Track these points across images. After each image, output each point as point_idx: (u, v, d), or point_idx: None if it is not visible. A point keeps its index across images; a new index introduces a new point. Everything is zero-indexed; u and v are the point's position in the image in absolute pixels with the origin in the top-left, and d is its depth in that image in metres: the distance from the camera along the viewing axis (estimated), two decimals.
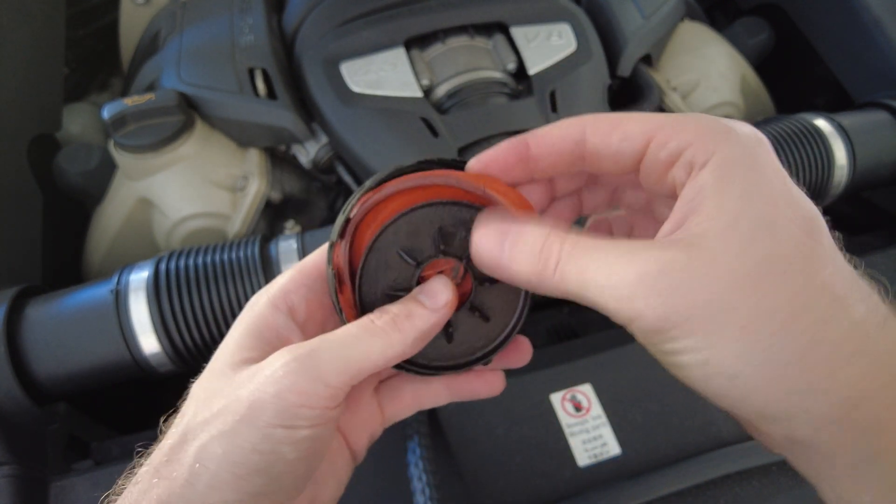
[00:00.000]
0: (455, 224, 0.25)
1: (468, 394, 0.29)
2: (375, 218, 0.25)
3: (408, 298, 0.25)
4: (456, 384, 0.28)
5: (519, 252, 0.22)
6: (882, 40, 0.58)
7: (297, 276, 0.26)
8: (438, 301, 0.24)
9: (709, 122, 0.22)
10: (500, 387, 0.28)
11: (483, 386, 0.28)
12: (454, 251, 0.25)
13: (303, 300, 0.25)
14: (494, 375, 0.28)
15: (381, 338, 0.23)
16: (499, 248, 0.23)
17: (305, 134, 0.53)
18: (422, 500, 0.31)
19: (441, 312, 0.24)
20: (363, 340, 0.23)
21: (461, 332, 0.27)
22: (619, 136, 0.22)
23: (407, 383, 0.29)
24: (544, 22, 0.56)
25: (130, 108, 0.50)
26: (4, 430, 0.38)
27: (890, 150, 0.53)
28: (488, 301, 0.27)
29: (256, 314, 0.25)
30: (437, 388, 0.28)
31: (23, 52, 0.57)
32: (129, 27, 0.76)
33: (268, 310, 0.25)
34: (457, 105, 0.51)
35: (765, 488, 0.35)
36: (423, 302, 0.24)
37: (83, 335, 0.40)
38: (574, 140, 0.23)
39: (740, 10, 0.77)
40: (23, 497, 0.36)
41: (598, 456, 0.37)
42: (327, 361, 0.22)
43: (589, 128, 0.23)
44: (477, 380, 0.28)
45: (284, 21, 0.60)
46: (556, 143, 0.24)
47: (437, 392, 0.28)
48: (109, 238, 0.55)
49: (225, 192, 0.52)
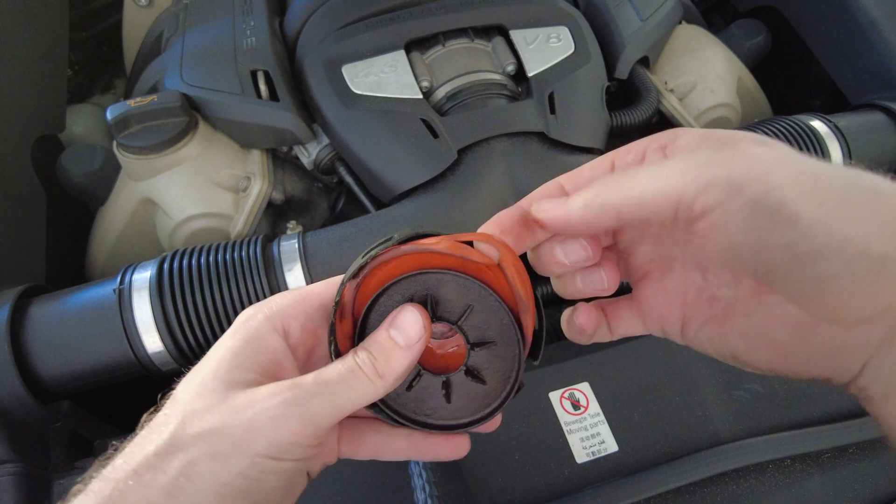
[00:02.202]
0: (455, 292, 0.25)
1: (431, 455, 0.29)
2: (383, 271, 0.26)
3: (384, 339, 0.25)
4: (421, 444, 0.28)
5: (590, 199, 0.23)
6: (878, 42, 0.58)
7: (299, 302, 0.27)
8: (412, 337, 0.25)
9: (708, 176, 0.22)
10: (465, 450, 0.28)
11: (447, 449, 0.28)
12: (449, 317, 0.26)
13: (299, 326, 0.26)
14: (460, 438, 0.28)
15: (367, 385, 0.24)
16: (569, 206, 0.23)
17: (307, 135, 0.53)
18: (422, 496, 0.31)
19: (416, 348, 0.25)
20: (352, 388, 0.24)
21: (458, 393, 0.27)
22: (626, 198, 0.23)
23: (371, 433, 0.29)
24: (543, 25, 0.56)
25: (134, 110, 0.50)
26: (8, 428, 0.38)
27: (886, 150, 0.54)
28: (483, 364, 0.27)
29: (253, 331, 0.25)
30: (399, 444, 0.28)
31: (26, 54, 0.57)
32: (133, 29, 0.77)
33: (265, 328, 0.25)
34: (456, 106, 0.51)
35: (761, 486, 0.36)
36: (397, 341, 0.25)
37: (87, 334, 0.41)
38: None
39: (737, 12, 0.78)
40: (26, 495, 0.36)
41: (596, 453, 0.37)
42: (320, 406, 0.24)
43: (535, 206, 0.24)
44: (442, 442, 0.28)
45: (286, 23, 0.61)
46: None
47: (397, 448, 0.28)
48: (113, 238, 0.55)
49: (227, 193, 0.53)
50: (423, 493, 0.31)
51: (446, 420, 0.27)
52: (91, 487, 0.22)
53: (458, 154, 0.48)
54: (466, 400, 0.27)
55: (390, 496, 0.36)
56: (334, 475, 0.36)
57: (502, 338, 0.26)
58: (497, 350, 0.27)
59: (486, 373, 0.27)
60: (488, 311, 0.26)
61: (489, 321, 0.26)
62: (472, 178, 0.47)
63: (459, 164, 0.48)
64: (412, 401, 0.27)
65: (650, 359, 0.41)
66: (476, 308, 0.26)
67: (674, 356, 0.41)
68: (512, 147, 0.48)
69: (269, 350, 0.25)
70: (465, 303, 0.26)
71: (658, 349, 0.41)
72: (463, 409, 0.27)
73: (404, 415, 0.27)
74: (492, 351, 0.27)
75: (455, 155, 0.47)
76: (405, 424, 0.27)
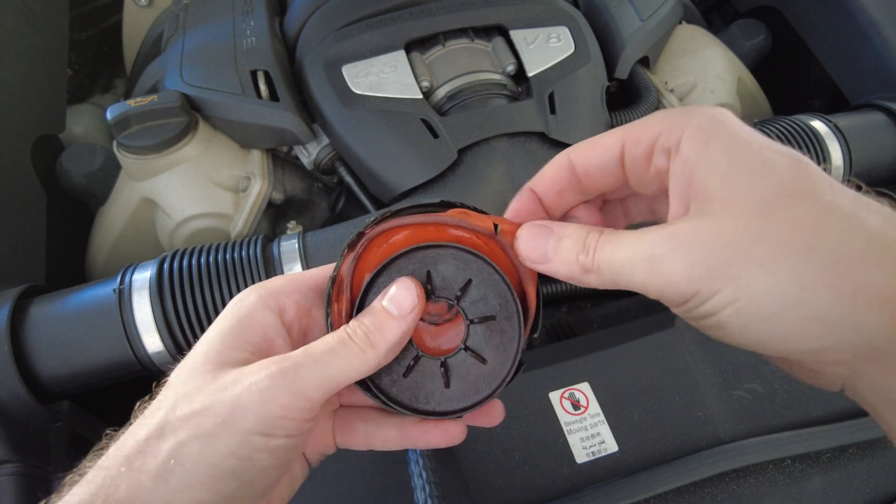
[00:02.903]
0: (453, 267, 0.26)
1: (423, 443, 0.28)
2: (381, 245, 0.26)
3: (377, 309, 0.25)
4: (412, 433, 0.28)
5: (563, 247, 0.24)
6: (878, 42, 0.58)
7: (293, 282, 0.26)
8: (405, 307, 0.25)
9: (670, 111, 0.23)
10: (459, 438, 0.28)
11: (440, 436, 0.27)
12: (447, 294, 0.26)
13: (294, 304, 0.26)
14: (454, 425, 0.27)
15: (358, 356, 0.24)
16: (545, 244, 0.24)
17: (307, 135, 0.53)
18: (422, 496, 0.31)
19: (409, 318, 0.25)
20: (342, 358, 0.24)
21: (458, 376, 0.27)
22: (598, 151, 0.24)
23: (360, 423, 0.28)
24: (543, 25, 0.56)
25: (134, 110, 0.50)
26: (8, 428, 0.38)
27: (885, 150, 0.54)
28: (483, 342, 0.27)
29: (245, 310, 0.25)
30: (388, 432, 0.28)
31: (27, 54, 0.57)
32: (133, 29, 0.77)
33: (257, 306, 0.25)
34: (456, 106, 0.51)
35: (761, 486, 0.36)
36: (390, 311, 0.25)
37: (87, 334, 0.41)
38: (566, 169, 0.25)
39: (737, 12, 0.78)
40: (26, 495, 0.37)
41: (595, 453, 0.38)
42: (308, 378, 0.23)
43: (572, 155, 0.25)
44: (434, 429, 0.27)
45: (286, 24, 0.61)
46: (554, 179, 0.26)
47: (386, 436, 0.28)
48: (113, 238, 0.55)
49: (227, 193, 0.53)
50: (423, 493, 0.31)
51: (444, 406, 0.27)
52: (85, 477, 0.22)
53: (459, 154, 0.48)
54: (466, 383, 0.27)
55: (390, 496, 0.36)
56: (335, 474, 0.36)
57: (502, 311, 0.26)
58: (497, 325, 0.26)
59: (486, 351, 0.27)
60: (487, 284, 0.26)
61: (488, 294, 0.26)
62: (473, 178, 0.47)
63: (459, 164, 0.48)
64: (410, 387, 0.27)
65: (650, 359, 0.41)
66: (475, 282, 0.26)
67: (674, 356, 0.41)
68: (512, 147, 0.48)
69: (260, 327, 0.25)
70: (464, 277, 0.25)
71: (658, 349, 0.41)
72: (462, 393, 0.27)
73: (401, 402, 0.27)
74: (491, 326, 0.26)
75: (455, 155, 0.47)
76: (402, 412, 0.27)
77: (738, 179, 0.20)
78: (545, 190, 0.26)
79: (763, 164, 0.20)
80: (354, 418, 0.29)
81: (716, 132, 0.21)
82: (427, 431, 0.27)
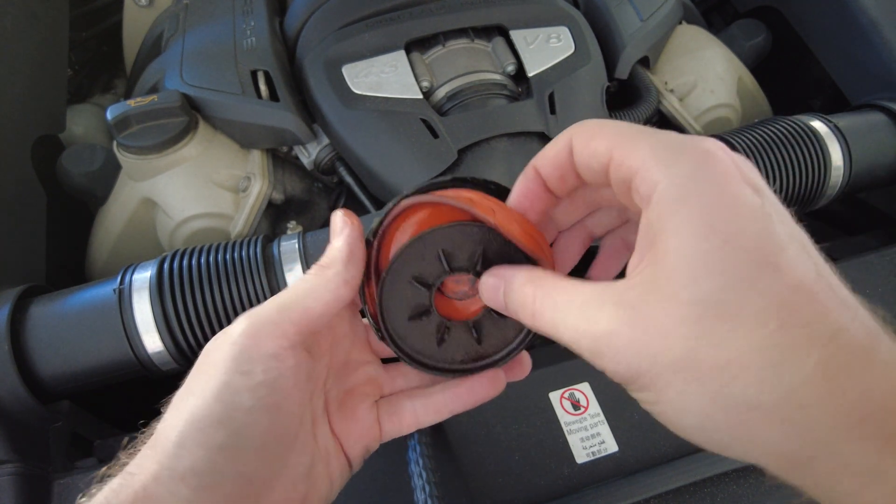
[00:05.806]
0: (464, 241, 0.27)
1: (471, 400, 0.29)
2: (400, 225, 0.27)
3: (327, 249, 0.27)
4: (462, 393, 0.29)
5: (511, 301, 0.25)
6: (878, 42, 0.58)
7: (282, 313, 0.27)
8: (337, 227, 0.27)
9: (660, 142, 0.21)
10: (502, 385, 0.29)
11: (486, 386, 0.29)
12: (465, 266, 0.27)
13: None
14: (496, 374, 0.29)
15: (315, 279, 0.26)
16: (499, 298, 0.25)
17: (307, 135, 0.53)
18: (422, 496, 0.31)
19: (344, 233, 0.27)
20: (299, 286, 0.26)
21: (487, 332, 0.29)
22: (589, 153, 0.23)
23: (406, 401, 0.30)
24: (543, 25, 0.56)
25: (134, 110, 0.50)
26: (8, 428, 0.38)
27: (886, 151, 0.54)
28: None
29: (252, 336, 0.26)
30: (437, 402, 0.29)
31: (27, 54, 0.57)
32: (133, 29, 0.77)
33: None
34: (457, 106, 0.51)
35: (761, 486, 0.36)
36: (330, 240, 0.27)
37: (87, 334, 0.41)
38: (568, 149, 0.24)
39: (737, 12, 0.78)
40: (26, 495, 0.36)
41: (595, 453, 0.38)
42: (272, 309, 0.25)
43: (574, 137, 0.24)
44: (479, 383, 0.29)
45: (286, 24, 0.61)
46: (555, 157, 0.25)
47: (437, 409, 0.29)
48: (113, 238, 0.55)
49: (227, 193, 0.53)
50: (423, 493, 0.31)
51: (482, 362, 0.29)
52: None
53: (459, 154, 0.48)
54: (496, 337, 0.29)
55: (390, 496, 0.36)
56: None
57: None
58: None
59: None
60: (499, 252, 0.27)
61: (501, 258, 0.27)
62: None
63: (460, 164, 0.48)
64: (446, 354, 0.29)
65: None
66: (487, 249, 0.27)
67: None
68: (512, 147, 0.48)
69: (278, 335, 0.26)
70: (476, 248, 0.27)
71: None
72: (495, 347, 0.29)
73: (444, 368, 0.29)
74: None
75: (455, 155, 0.47)
76: (448, 376, 0.29)
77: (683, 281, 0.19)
78: (547, 172, 0.26)
79: (721, 261, 0.19)
80: (401, 399, 0.30)
81: (687, 206, 0.19)
82: (475, 387, 0.29)
